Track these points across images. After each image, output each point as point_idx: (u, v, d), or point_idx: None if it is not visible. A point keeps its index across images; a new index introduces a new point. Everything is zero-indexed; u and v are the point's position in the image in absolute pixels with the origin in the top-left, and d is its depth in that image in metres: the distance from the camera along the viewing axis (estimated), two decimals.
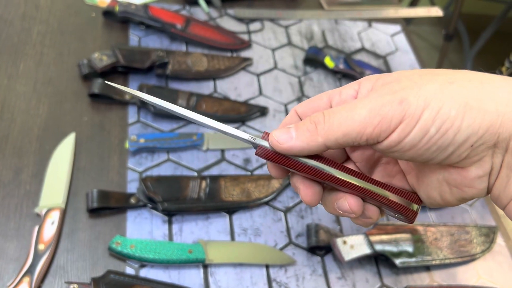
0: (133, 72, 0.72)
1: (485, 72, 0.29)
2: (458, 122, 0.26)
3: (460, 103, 0.26)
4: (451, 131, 0.26)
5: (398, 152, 0.28)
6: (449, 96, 0.26)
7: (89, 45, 0.75)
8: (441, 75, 0.28)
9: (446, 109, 0.26)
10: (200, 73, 0.75)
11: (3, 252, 0.52)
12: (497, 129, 0.26)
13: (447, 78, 0.27)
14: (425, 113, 0.26)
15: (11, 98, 0.65)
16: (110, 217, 0.58)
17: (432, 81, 0.27)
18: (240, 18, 0.87)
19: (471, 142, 0.26)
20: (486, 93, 0.26)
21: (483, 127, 0.26)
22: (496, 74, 0.29)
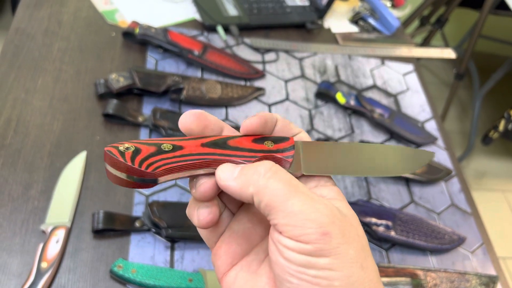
0: (148, 95, 0.74)
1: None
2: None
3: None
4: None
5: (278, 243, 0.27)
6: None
7: (106, 64, 0.76)
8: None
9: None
10: (213, 100, 0.76)
11: (6, 267, 0.53)
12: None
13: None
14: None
15: (27, 112, 0.66)
16: (114, 239, 0.58)
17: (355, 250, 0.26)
18: (256, 48, 0.89)
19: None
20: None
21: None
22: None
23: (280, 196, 0.26)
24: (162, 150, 0.29)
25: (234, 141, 0.31)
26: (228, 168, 0.29)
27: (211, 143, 0.30)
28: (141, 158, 0.28)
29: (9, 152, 0.62)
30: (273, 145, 0.31)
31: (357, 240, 0.27)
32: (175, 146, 0.29)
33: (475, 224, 0.76)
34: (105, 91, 0.70)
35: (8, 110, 0.66)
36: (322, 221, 0.26)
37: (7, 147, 0.62)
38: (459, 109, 2.19)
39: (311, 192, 0.28)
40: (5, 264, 0.53)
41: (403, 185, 0.77)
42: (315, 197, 0.27)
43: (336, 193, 0.30)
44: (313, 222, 0.25)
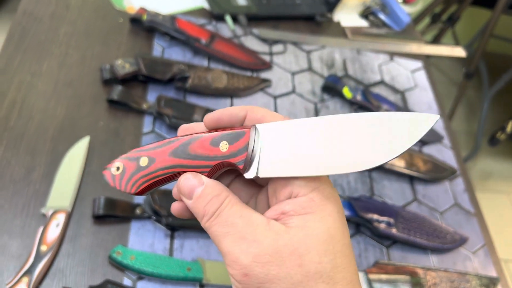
0: (153, 82, 0.73)
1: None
2: None
3: None
4: None
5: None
6: None
7: (112, 50, 0.76)
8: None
9: None
10: (218, 90, 0.75)
11: (6, 249, 0.53)
12: None
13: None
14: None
15: (32, 96, 0.66)
16: (114, 225, 0.58)
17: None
18: (264, 39, 0.88)
19: None
20: None
21: None
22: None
23: (216, 238, 0.28)
24: (141, 167, 0.32)
25: (194, 145, 0.31)
26: (188, 187, 0.30)
27: (173, 152, 0.31)
28: (126, 179, 0.32)
29: (12, 134, 0.62)
30: (228, 146, 0.30)
31: (291, 274, 0.25)
32: (150, 159, 0.32)
33: (478, 225, 0.75)
34: (110, 77, 0.70)
35: (13, 93, 0.66)
36: (242, 263, 0.26)
37: (11, 130, 0.62)
38: (466, 109, 2.17)
39: (251, 226, 0.27)
40: (5, 245, 0.53)
41: (406, 182, 0.77)
42: (248, 234, 0.27)
43: (307, 202, 0.27)
44: (235, 263, 0.27)
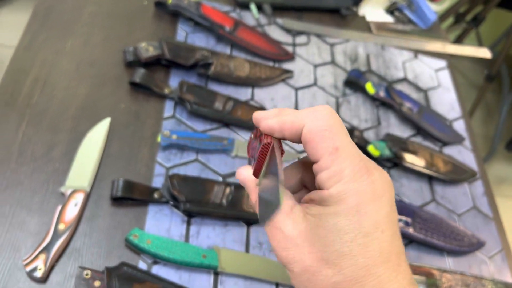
0: (176, 67, 0.73)
1: None
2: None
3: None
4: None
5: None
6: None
7: (136, 33, 0.75)
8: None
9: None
10: (240, 78, 0.75)
11: (24, 225, 0.53)
12: None
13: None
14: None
15: (55, 74, 0.66)
16: (131, 208, 0.58)
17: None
18: (287, 29, 0.87)
19: None
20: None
21: None
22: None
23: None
24: None
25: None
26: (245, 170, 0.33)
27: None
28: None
29: (34, 111, 0.62)
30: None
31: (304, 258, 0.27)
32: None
33: (495, 229, 0.74)
34: (133, 59, 0.69)
35: (37, 70, 0.65)
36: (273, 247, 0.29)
37: (33, 107, 0.62)
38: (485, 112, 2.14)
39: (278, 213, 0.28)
40: (23, 221, 0.53)
41: (425, 182, 0.76)
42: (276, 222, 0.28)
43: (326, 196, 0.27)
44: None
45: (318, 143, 0.27)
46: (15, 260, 0.51)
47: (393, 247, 0.25)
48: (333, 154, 0.26)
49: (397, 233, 0.26)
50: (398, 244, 0.26)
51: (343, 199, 0.25)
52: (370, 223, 0.25)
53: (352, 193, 0.25)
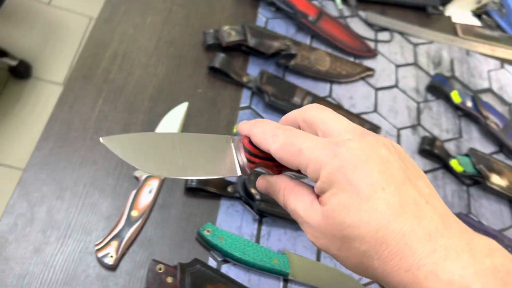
0: (254, 55, 0.69)
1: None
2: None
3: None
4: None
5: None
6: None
7: (216, 14, 0.72)
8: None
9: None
10: (320, 72, 0.70)
11: (97, 208, 0.51)
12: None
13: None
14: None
15: (133, 49, 0.63)
16: (204, 200, 0.55)
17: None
18: (370, 24, 0.81)
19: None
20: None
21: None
22: None
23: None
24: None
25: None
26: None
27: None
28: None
29: (111, 87, 0.59)
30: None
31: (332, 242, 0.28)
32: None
33: None
34: (214, 42, 0.66)
35: (115, 44, 0.63)
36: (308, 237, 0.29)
37: (111, 82, 0.60)
38: None
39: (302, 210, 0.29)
40: (95, 204, 0.51)
41: (505, 205, 0.70)
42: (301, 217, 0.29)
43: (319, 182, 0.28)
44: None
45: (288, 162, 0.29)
46: (86, 244, 0.49)
47: (404, 198, 0.25)
48: (298, 156, 0.28)
49: (405, 184, 0.25)
50: (411, 193, 0.25)
51: (333, 178, 0.26)
52: (366, 188, 0.25)
53: (335, 169, 0.26)
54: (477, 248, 0.23)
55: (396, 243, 0.23)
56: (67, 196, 0.51)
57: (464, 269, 0.22)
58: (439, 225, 0.24)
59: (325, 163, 0.26)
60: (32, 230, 0.48)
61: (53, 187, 0.51)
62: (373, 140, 0.27)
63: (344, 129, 0.28)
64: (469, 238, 0.24)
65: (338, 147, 0.26)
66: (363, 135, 0.27)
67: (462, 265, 0.22)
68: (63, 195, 0.51)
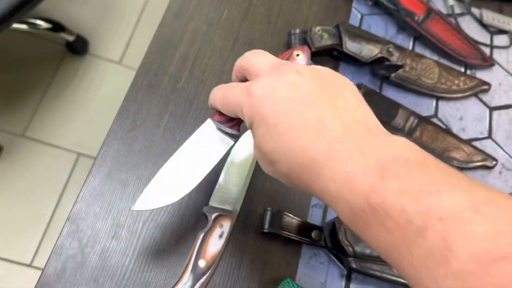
0: (346, 60, 0.57)
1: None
2: None
3: None
4: None
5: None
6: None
7: (303, 9, 0.60)
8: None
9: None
10: (425, 86, 0.58)
11: (157, 250, 0.43)
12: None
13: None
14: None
15: (206, 51, 0.53)
16: (282, 247, 0.46)
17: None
18: (484, 24, 0.67)
19: None
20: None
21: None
22: None
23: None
24: None
25: None
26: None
27: None
28: None
29: (180, 99, 0.50)
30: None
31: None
32: None
33: None
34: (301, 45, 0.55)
35: (186, 44, 0.53)
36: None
37: (179, 92, 0.50)
38: None
39: None
40: (157, 246, 0.43)
41: None
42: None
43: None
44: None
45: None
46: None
47: (309, 118, 0.26)
48: (229, 105, 0.32)
49: (313, 103, 0.27)
50: (317, 112, 0.26)
51: (250, 116, 0.29)
52: (272, 117, 0.27)
53: (249, 107, 0.29)
54: (373, 147, 0.24)
55: (302, 160, 0.26)
56: (123, 235, 0.43)
57: (353, 168, 0.24)
58: (340, 135, 0.25)
59: (243, 105, 0.29)
60: (82, 277, 0.40)
61: (108, 223, 0.43)
62: (284, 69, 0.29)
63: (262, 68, 0.30)
64: (371, 138, 0.25)
65: (251, 87, 0.29)
66: (279, 68, 0.29)
67: (352, 165, 0.24)
68: (119, 233, 0.43)
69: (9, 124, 1.22)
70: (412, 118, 0.54)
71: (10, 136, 1.21)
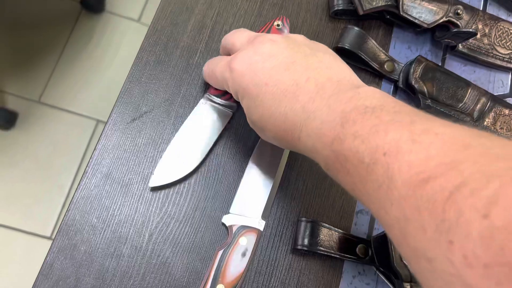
0: (401, 26, 0.46)
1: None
2: None
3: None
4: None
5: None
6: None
7: None
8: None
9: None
10: (500, 57, 0.46)
11: (168, 270, 0.35)
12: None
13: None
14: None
15: (227, 17, 0.43)
16: (319, 263, 0.37)
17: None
18: None
19: None
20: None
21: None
22: None
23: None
24: None
25: None
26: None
27: None
28: None
29: (194, 78, 0.40)
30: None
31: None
32: None
33: None
34: (345, 8, 0.44)
35: (202, 8, 0.43)
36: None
37: (193, 70, 0.41)
38: None
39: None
40: (166, 263, 0.35)
41: None
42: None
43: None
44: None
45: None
46: None
47: (286, 84, 0.27)
48: (216, 79, 0.34)
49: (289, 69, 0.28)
50: (293, 77, 0.28)
51: (234, 90, 0.31)
52: (253, 88, 0.29)
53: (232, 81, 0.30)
54: (340, 101, 0.25)
55: (284, 124, 0.27)
56: (126, 251, 0.35)
57: (322, 123, 0.25)
58: (313, 95, 0.26)
59: (227, 79, 0.31)
60: None
61: (107, 236, 0.35)
62: (258, 40, 0.30)
63: (240, 43, 0.32)
64: (341, 94, 0.26)
65: (231, 62, 0.30)
66: (252, 40, 0.31)
67: (322, 120, 0.25)
68: (120, 250, 0.35)
69: (23, 89, 1.15)
70: (484, 100, 0.43)
71: (25, 101, 1.14)
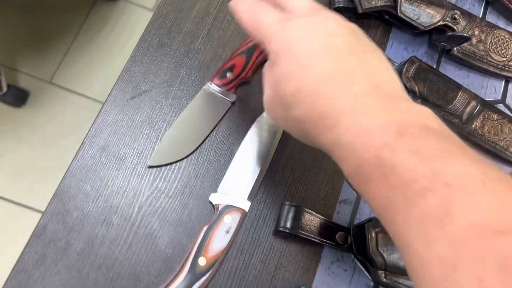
0: (399, 27, 0.47)
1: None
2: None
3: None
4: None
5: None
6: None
7: None
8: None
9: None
10: (494, 64, 0.47)
11: (153, 240, 0.37)
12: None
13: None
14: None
15: None
16: (300, 247, 0.39)
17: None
18: None
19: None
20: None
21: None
22: None
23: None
24: None
25: None
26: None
27: None
28: None
29: (194, 63, 0.42)
30: None
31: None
32: None
33: None
34: (345, 6, 0.45)
35: None
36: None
37: (194, 55, 0.42)
38: None
39: None
40: (153, 234, 0.37)
41: None
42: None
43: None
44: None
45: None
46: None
47: (341, 67, 0.26)
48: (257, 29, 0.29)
49: (347, 55, 0.26)
50: (350, 64, 0.26)
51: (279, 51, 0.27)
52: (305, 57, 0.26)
53: (281, 42, 0.27)
54: (397, 108, 0.24)
55: (323, 107, 0.25)
56: (116, 220, 0.37)
57: (372, 123, 0.23)
58: (368, 90, 0.25)
59: (273, 35, 0.28)
60: (63, 265, 0.35)
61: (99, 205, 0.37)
62: (324, 15, 0.28)
63: (301, 7, 0.29)
64: (397, 101, 0.24)
65: (288, 22, 0.28)
66: (317, 11, 0.28)
67: (373, 120, 0.23)
68: (110, 219, 0.37)
69: (37, 69, 1.18)
70: (474, 103, 0.44)
71: (37, 81, 1.17)
